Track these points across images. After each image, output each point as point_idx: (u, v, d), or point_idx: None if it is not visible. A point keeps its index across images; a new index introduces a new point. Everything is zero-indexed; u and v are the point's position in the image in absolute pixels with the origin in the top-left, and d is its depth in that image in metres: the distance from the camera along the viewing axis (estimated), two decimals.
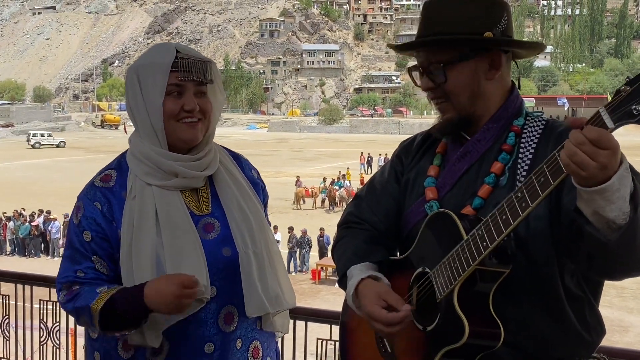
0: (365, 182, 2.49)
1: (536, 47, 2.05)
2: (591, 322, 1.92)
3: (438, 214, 1.94)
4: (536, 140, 1.94)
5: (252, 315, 2.16)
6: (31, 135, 73.43)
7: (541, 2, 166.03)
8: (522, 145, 1.95)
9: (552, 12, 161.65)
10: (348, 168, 40.20)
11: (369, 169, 46.28)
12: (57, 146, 70.47)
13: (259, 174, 2.43)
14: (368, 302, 1.96)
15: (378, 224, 2.18)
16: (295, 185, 35.67)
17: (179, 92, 2.10)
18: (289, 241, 24.11)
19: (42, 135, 73.42)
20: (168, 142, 2.13)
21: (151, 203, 2.11)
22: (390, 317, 1.90)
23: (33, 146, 70.58)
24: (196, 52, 2.18)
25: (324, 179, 38.50)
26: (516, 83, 2.07)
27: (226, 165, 2.28)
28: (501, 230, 1.70)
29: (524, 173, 1.90)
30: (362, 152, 48.42)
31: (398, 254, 2.19)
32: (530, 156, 1.92)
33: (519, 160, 1.93)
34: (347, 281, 2.08)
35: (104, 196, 2.15)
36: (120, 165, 2.22)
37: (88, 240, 2.13)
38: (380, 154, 46.94)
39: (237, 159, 2.37)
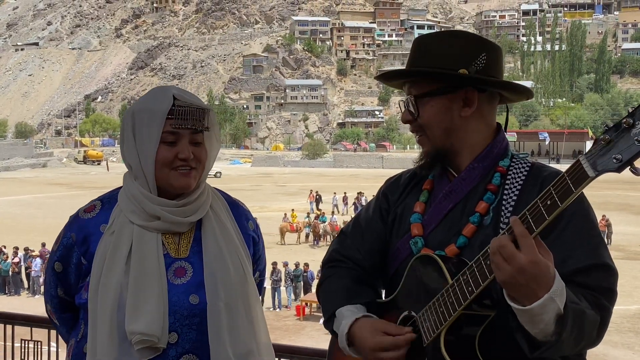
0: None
1: (520, 91, 2.07)
2: (573, 358, 1.91)
3: (422, 257, 1.94)
4: (521, 183, 1.96)
5: None
6: None
7: (521, 38, 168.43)
8: (507, 186, 1.97)
9: (532, 48, 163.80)
10: (293, 210, 37.32)
11: (317, 207, 42.46)
12: (215, 176, 71.53)
13: (256, 227, 2.37)
14: (368, 336, 1.95)
15: (362, 261, 2.17)
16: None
17: (173, 140, 2.08)
18: (271, 275, 23.95)
19: None
20: (159, 187, 2.12)
21: (127, 241, 2.09)
22: (396, 340, 1.90)
23: None
24: (195, 97, 2.16)
25: (308, 214, 38.39)
26: (502, 124, 2.09)
27: (217, 212, 2.23)
28: (486, 275, 1.70)
29: (508, 214, 1.91)
30: (311, 190, 45.89)
31: (383, 292, 2.18)
32: (515, 198, 1.94)
33: (504, 201, 1.94)
34: (336, 322, 2.05)
35: (82, 227, 2.15)
36: (110, 198, 2.21)
37: (58, 270, 2.18)
38: (335, 193, 44.67)
39: (235, 206, 2.33)
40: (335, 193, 44.59)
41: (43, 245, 27.01)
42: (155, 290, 2.05)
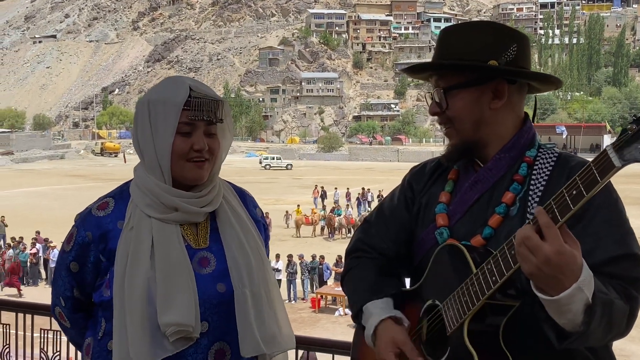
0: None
1: (550, 81, 2.05)
2: (601, 353, 1.92)
3: (447, 246, 1.94)
4: (548, 173, 1.94)
5: (247, 355, 2.13)
6: (262, 158, 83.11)
7: (538, 31, 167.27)
8: (533, 176, 1.95)
9: (550, 41, 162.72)
10: (298, 205, 37.25)
11: (322, 203, 42.36)
12: (286, 168, 77.89)
13: (262, 213, 2.41)
14: (383, 347, 1.96)
15: (387, 250, 2.17)
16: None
17: (189, 130, 2.09)
18: (287, 267, 24.01)
19: (272, 159, 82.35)
20: (173, 179, 2.12)
21: (148, 235, 2.09)
22: None
23: (264, 167, 78.13)
24: (209, 89, 2.17)
25: (324, 207, 38.36)
26: (530, 114, 2.07)
27: (229, 202, 2.26)
28: (510, 265, 1.68)
29: (535, 205, 1.89)
30: (316, 185, 45.34)
31: (407, 281, 2.18)
32: (542, 188, 1.92)
33: (530, 192, 1.93)
34: (364, 318, 2.07)
35: (99, 225, 2.15)
36: (121, 194, 2.21)
37: (75, 270, 2.17)
38: (336, 188, 43.96)
39: (242, 195, 2.35)
40: (336, 188, 44.07)
41: (37, 233, 27.94)
42: (184, 281, 2.07)
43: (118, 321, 2.07)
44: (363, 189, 42.75)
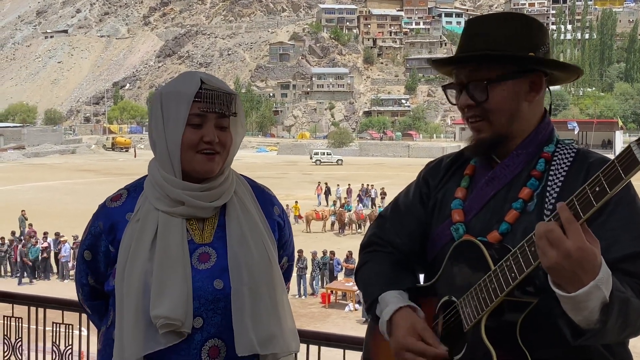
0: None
1: (574, 71, 2.04)
2: (617, 350, 1.89)
3: (464, 242, 1.92)
4: (566, 169, 1.92)
5: (241, 354, 2.09)
6: (313, 153, 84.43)
7: (551, 27, 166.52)
8: (551, 172, 1.93)
9: (562, 37, 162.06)
10: (296, 202, 37.18)
11: (326, 200, 42.13)
12: (336, 163, 79.29)
13: (282, 212, 2.38)
14: (402, 332, 1.93)
15: (401, 245, 2.16)
16: None
17: (199, 122, 2.08)
18: (297, 263, 24.02)
19: (322, 154, 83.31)
20: (183, 171, 2.12)
21: (152, 228, 2.11)
22: (424, 348, 1.89)
23: (315, 162, 79.44)
24: (222, 83, 2.16)
25: (334, 202, 38.31)
26: (547, 109, 2.06)
27: (241, 197, 2.24)
28: (530, 262, 1.67)
29: (553, 200, 1.88)
30: (319, 182, 45.05)
31: (422, 277, 2.17)
32: (559, 184, 1.90)
33: (548, 188, 1.91)
34: (379, 308, 2.04)
35: (109, 216, 2.18)
36: (136, 186, 2.23)
37: (88, 259, 2.22)
38: (338, 185, 43.43)
39: (261, 192, 2.33)
40: (338, 185, 43.81)
41: (30, 226, 28.84)
42: (179, 276, 2.06)
43: (118, 311, 2.09)
44: (364, 185, 42.63)
